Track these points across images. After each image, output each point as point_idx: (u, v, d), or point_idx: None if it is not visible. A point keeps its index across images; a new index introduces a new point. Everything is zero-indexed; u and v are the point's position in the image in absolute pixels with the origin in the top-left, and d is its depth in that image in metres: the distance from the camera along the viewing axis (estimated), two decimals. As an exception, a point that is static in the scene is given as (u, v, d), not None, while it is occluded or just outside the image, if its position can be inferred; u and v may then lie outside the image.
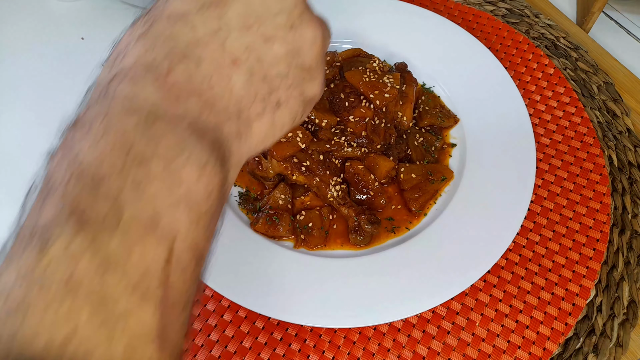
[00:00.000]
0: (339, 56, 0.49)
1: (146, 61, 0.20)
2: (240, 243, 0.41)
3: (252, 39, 0.21)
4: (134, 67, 0.20)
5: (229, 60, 0.21)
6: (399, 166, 0.45)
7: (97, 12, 0.64)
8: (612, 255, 0.42)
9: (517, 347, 0.38)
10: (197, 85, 0.20)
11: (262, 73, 0.21)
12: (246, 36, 0.21)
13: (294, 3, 0.22)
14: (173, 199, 0.17)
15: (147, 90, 0.19)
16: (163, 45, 0.20)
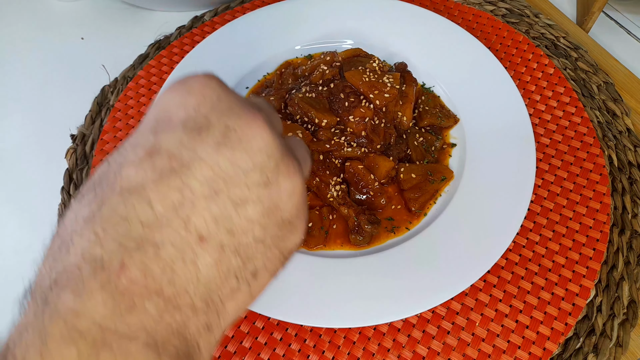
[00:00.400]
0: (338, 56, 0.49)
1: (94, 257, 0.16)
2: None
3: (220, 208, 0.18)
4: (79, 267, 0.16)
5: (194, 238, 0.18)
6: (399, 166, 0.45)
7: (97, 12, 0.64)
8: (612, 255, 0.42)
9: (517, 347, 0.38)
10: (157, 280, 0.17)
11: (234, 244, 0.18)
12: (214, 205, 0.18)
13: (268, 155, 0.19)
14: None
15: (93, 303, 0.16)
16: (114, 232, 0.17)
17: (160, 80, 0.54)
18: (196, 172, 0.18)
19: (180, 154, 0.18)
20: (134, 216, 0.17)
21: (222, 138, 0.19)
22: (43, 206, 0.48)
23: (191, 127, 0.19)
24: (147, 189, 0.18)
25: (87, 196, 0.18)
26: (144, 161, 0.18)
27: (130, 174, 0.18)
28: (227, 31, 0.55)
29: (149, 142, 0.19)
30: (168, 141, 0.18)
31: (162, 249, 0.17)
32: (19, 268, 0.46)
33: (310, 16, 0.56)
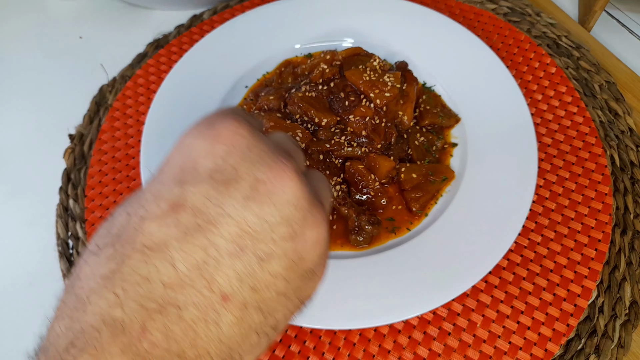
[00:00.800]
0: (339, 55, 0.49)
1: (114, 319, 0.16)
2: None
3: (245, 264, 0.17)
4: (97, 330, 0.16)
5: (217, 298, 0.17)
6: (400, 166, 0.45)
7: (96, 11, 0.63)
8: (614, 255, 0.42)
9: (519, 349, 0.37)
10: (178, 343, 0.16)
11: (257, 300, 0.18)
12: (238, 262, 0.17)
13: (296, 206, 0.19)
14: None
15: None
16: (135, 293, 0.16)
17: (158, 79, 0.54)
18: (222, 229, 0.17)
19: (206, 210, 0.17)
20: (156, 276, 0.17)
21: (250, 192, 0.18)
22: (41, 206, 0.47)
23: (219, 180, 0.18)
24: (171, 248, 0.17)
25: (105, 251, 0.17)
26: (167, 216, 0.17)
27: (153, 230, 0.17)
28: (226, 30, 0.54)
29: (173, 194, 0.18)
30: (194, 195, 0.18)
31: (184, 311, 0.16)
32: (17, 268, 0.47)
33: (310, 15, 0.55)
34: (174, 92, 0.50)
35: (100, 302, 0.16)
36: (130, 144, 0.50)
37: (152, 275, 0.17)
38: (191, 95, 0.50)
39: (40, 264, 0.44)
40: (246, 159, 0.19)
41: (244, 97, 0.52)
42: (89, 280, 0.17)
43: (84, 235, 0.45)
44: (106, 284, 0.17)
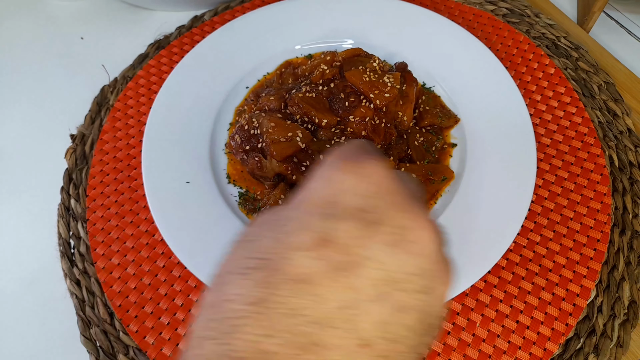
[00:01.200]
0: (339, 56, 0.49)
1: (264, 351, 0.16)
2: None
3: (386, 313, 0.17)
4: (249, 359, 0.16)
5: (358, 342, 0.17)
6: (400, 166, 0.45)
7: (97, 12, 0.64)
8: (613, 255, 0.42)
9: (518, 348, 0.38)
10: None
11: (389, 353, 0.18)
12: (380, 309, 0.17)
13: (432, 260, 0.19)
14: None
15: None
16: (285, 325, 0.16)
17: (159, 80, 0.54)
18: (367, 272, 0.17)
19: (353, 250, 0.17)
20: (305, 311, 0.17)
21: (393, 238, 0.18)
22: (42, 206, 0.48)
23: (365, 220, 0.18)
24: (318, 284, 0.17)
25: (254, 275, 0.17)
26: (317, 250, 0.17)
27: (302, 262, 0.17)
28: (227, 31, 0.54)
29: (320, 228, 0.18)
30: (341, 232, 0.18)
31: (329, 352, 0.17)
32: (18, 267, 0.47)
33: (311, 16, 0.56)
34: (175, 92, 0.50)
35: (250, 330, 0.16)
36: (131, 144, 0.50)
37: (302, 309, 0.17)
38: (192, 96, 0.50)
39: (42, 263, 0.44)
40: (391, 203, 0.19)
41: (245, 97, 0.52)
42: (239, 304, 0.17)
43: (85, 235, 0.45)
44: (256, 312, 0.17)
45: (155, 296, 0.41)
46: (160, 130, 0.47)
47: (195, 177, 0.45)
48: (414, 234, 0.19)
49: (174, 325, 0.40)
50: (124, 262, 0.43)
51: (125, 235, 0.44)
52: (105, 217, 0.45)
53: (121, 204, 0.46)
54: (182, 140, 0.47)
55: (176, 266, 0.42)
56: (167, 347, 0.39)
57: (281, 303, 0.17)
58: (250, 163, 0.45)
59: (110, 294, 0.41)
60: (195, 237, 0.41)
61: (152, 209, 0.42)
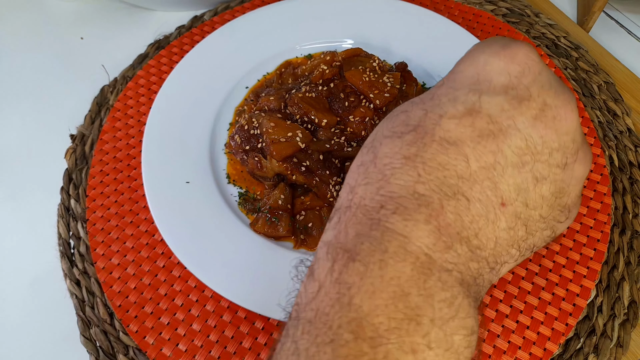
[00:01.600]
0: (338, 56, 0.49)
1: (418, 192, 0.18)
2: (240, 243, 0.41)
3: (524, 178, 0.19)
4: (405, 197, 0.18)
5: (498, 201, 0.19)
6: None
7: (97, 11, 0.64)
8: (613, 255, 0.42)
9: (518, 348, 0.38)
10: (467, 228, 0.18)
11: (526, 216, 0.20)
12: (519, 175, 0.19)
13: (572, 139, 0.20)
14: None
15: (420, 231, 0.18)
16: (435, 175, 0.18)
17: (159, 80, 0.54)
18: (511, 140, 0.19)
19: (500, 120, 0.19)
20: (452, 166, 0.18)
21: (539, 113, 0.19)
22: (42, 206, 0.48)
23: (513, 96, 0.19)
24: (465, 146, 0.19)
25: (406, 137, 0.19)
26: (464, 118, 0.19)
27: (451, 127, 0.19)
28: (226, 31, 0.54)
29: (470, 100, 0.19)
30: (489, 104, 0.19)
31: (472, 203, 0.18)
32: (17, 268, 0.47)
33: (310, 16, 0.56)
34: (175, 92, 0.50)
35: (405, 177, 0.18)
36: (131, 144, 0.50)
37: (449, 165, 0.18)
38: (192, 96, 0.50)
39: (42, 263, 0.44)
40: (538, 82, 0.20)
41: (245, 97, 0.52)
42: (392, 158, 0.19)
43: (85, 235, 0.45)
44: (409, 163, 0.19)
45: (155, 296, 0.41)
46: (160, 130, 0.48)
47: (195, 177, 0.45)
48: (558, 112, 0.19)
49: (174, 325, 0.40)
50: (123, 262, 0.43)
51: (125, 236, 0.44)
52: (105, 217, 0.45)
53: (121, 204, 0.46)
54: (182, 140, 0.47)
55: (176, 266, 0.42)
56: (167, 347, 0.39)
57: (431, 158, 0.18)
58: (250, 163, 0.45)
59: (110, 294, 0.41)
60: (195, 237, 0.41)
61: (152, 209, 0.42)
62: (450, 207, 0.18)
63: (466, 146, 0.19)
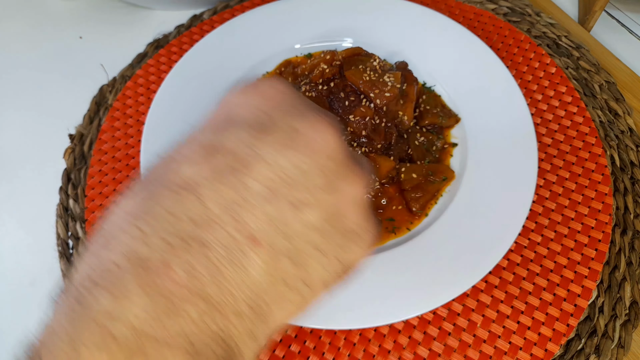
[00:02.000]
0: (339, 55, 0.49)
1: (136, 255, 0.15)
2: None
3: (278, 209, 0.17)
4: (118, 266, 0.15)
5: (246, 240, 0.16)
6: (400, 166, 0.45)
7: (95, 11, 0.63)
8: (614, 255, 0.42)
9: (519, 349, 0.37)
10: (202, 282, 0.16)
11: (290, 250, 0.17)
12: (270, 206, 0.17)
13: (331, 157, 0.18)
14: None
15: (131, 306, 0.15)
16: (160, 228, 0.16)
17: (158, 79, 0.54)
18: (255, 171, 0.17)
19: (240, 152, 0.17)
20: (183, 212, 0.16)
21: (285, 139, 0.18)
22: (41, 206, 0.47)
23: (255, 127, 0.18)
24: (201, 186, 0.17)
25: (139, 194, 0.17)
26: (201, 158, 0.17)
27: (185, 170, 0.17)
28: (226, 30, 0.54)
29: (209, 139, 0.18)
30: (229, 139, 0.18)
31: (210, 250, 0.16)
32: (16, 268, 0.47)
33: (310, 15, 0.55)
34: (174, 92, 0.50)
35: (125, 237, 0.16)
36: (130, 144, 0.50)
37: (179, 211, 0.16)
38: (191, 95, 0.50)
39: (40, 263, 0.44)
40: (281, 109, 0.19)
41: (244, 97, 0.52)
42: (118, 219, 0.17)
43: (84, 235, 0.45)
44: (132, 220, 0.16)
45: (155, 297, 0.41)
46: (159, 129, 0.47)
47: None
48: (307, 134, 0.18)
49: (173, 326, 0.39)
50: (122, 262, 0.42)
51: (124, 236, 0.44)
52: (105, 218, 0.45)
53: (120, 204, 0.46)
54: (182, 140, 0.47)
55: (175, 267, 0.42)
56: (167, 348, 0.38)
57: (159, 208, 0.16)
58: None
59: (109, 295, 0.41)
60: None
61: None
62: (180, 261, 0.15)
63: (202, 187, 0.16)
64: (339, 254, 0.19)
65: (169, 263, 0.16)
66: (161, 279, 0.15)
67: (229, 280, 0.16)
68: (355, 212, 0.19)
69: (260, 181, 0.17)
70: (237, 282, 0.16)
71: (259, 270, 0.17)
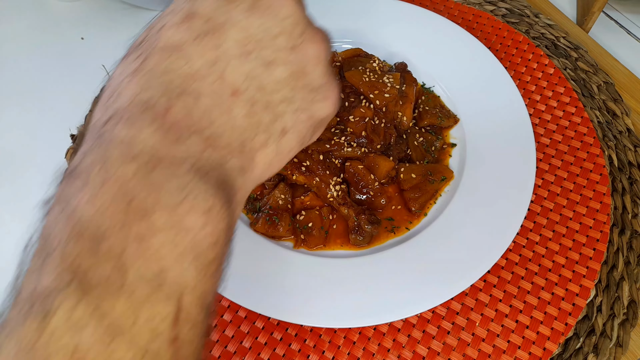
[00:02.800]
0: (338, 56, 0.49)
1: (142, 100, 0.18)
2: (240, 243, 0.41)
3: (251, 66, 0.20)
4: (129, 107, 0.18)
5: (228, 91, 0.20)
6: (399, 166, 0.45)
7: (97, 11, 0.64)
8: (612, 255, 0.42)
9: (517, 347, 0.38)
10: (197, 121, 0.19)
11: (265, 101, 0.20)
12: (245, 64, 0.20)
13: (294, 22, 0.21)
14: (179, 251, 0.17)
15: (145, 133, 0.18)
16: (159, 81, 0.19)
17: (160, 80, 0.54)
18: (229, 33, 0.20)
19: (215, 17, 0.20)
20: (175, 69, 0.19)
21: (252, 4, 0.20)
22: (43, 206, 0.48)
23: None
24: (185, 47, 0.19)
25: (131, 55, 0.20)
26: (181, 23, 0.20)
27: (170, 34, 0.20)
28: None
29: (186, 7, 0.20)
30: (203, 6, 0.20)
31: (200, 99, 0.19)
32: (18, 268, 0.46)
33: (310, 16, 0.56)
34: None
35: (129, 90, 0.19)
36: (131, 145, 0.50)
37: (172, 68, 0.19)
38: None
39: (42, 263, 0.44)
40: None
41: (245, 97, 0.52)
42: (119, 76, 0.20)
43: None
44: (134, 76, 0.19)
45: (156, 296, 0.41)
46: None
47: (195, 177, 0.45)
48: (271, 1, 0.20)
49: (174, 325, 0.40)
50: (124, 262, 0.43)
51: (125, 235, 0.44)
52: (106, 217, 0.45)
53: (121, 204, 0.46)
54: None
55: (176, 266, 0.42)
56: (167, 347, 0.39)
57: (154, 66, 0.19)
58: (250, 163, 0.45)
59: (111, 294, 0.41)
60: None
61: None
62: (178, 105, 0.19)
63: (187, 47, 0.19)
64: (308, 107, 0.22)
65: (170, 105, 0.18)
66: (165, 116, 0.18)
67: (218, 123, 0.19)
68: (317, 69, 0.22)
69: (235, 42, 0.20)
70: (225, 125, 0.19)
71: (242, 117, 0.20)
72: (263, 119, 0.20)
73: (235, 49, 0.20)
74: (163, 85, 0.19)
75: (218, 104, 0.19)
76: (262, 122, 0.20)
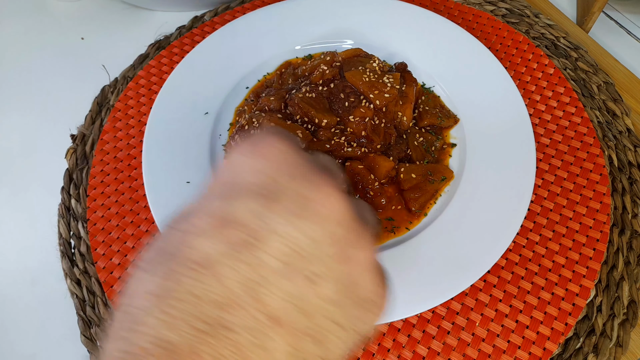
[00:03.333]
0: (339, 56, 0.49)
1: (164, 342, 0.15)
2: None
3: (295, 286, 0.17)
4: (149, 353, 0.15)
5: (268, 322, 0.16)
6: (399, 166, 0.45)
7: (97, 12, 0.64)
8: (612, 255, 0.42)
9: (517, 347, 0.38)
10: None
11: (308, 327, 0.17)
12: (288, 283, 0.17)
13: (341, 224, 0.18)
14: None
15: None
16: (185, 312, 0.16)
17: (160, 80, 0.54)
18: (269, 245, 0.17)
19: (253, 226, 0.17)
20: (206, 295, 0.16)
21: (294, 207, 0.17)
22: (43, 206, 0.48)
23: (263, 195, 0.18)
24: (220, 264, 0.16)
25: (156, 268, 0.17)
26: (215, 232, 0.17)
27: (201, 246, 0.17)
28: (227, 31, 0.55)
29: (220, 210, 0.18)
30: (239, 210, 0.17)
31: (235, 334, 0.16)
32: (18, 267, 0.47)
33: (310, 16, 0.56)
34: (176, 92, 0.50)
35: (151, 321, 0.16)
36: (132, 144, 0.50)
37: (203, 294, 0.16)
38: (192, 96, 0.50)
39: (42, 263, 0.45)
40: (289, 175, 0.18)
41: (245, 97, 0.52)
42: (140, 299, 0.17)
43: (85, 234, 0.45)
44: (157, 303, 0.16)
45: (156, 296, 0.41)
46: (161, 130, 0.48)
47: (196, 177, 0.45)
48: (315, 201, 0.18)
49: (174, 324, 0.40)
50: (124, 262, 0.43)
51: (125, 235, 0.44)
52: (106, 217, 0.45)
53: (122, 204, 0.46)
54: (182, 140, 0.47)
55: (176, 266, 0.42)
56: (168, 347, 0.39)
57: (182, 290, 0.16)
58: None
59: (111, 294, 0.41)
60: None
61: (153, 209, 0.42)
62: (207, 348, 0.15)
63: (221, 265, 0.16)
64: (356, 326, 0.19)
65: (197, 350, 0.15)
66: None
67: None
68: (368, 279, 0.19)
69: (275, 256, 0.17)
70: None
71: (283, 352, 0.17)
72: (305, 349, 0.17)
73: (276, 265, 0.17)
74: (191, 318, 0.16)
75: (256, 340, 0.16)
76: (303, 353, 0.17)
